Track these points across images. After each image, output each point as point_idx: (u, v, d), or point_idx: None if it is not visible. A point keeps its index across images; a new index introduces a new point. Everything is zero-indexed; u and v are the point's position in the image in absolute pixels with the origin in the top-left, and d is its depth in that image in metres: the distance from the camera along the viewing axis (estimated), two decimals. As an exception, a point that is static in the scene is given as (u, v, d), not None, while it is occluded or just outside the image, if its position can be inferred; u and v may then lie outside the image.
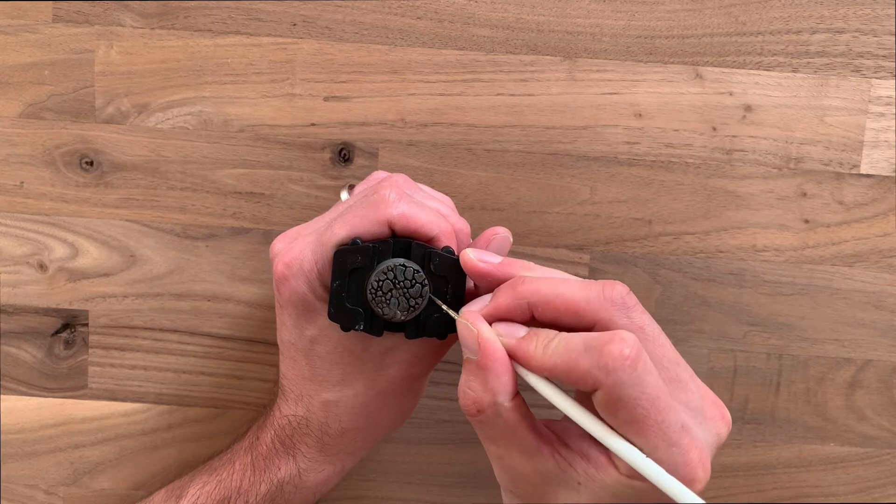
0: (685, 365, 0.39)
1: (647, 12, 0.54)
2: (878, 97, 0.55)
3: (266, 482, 0.48)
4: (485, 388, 0.38)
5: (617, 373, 0.35)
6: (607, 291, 0.38)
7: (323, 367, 0.46)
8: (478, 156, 0.55)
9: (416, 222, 0.42)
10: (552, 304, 0.38)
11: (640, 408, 0.36)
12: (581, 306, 0.38)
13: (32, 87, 0.54)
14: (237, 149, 0.55)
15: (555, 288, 0.38)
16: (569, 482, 0.39)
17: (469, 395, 0.39)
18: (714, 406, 0.40)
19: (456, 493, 0.58)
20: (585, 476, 0.38)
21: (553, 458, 0.39)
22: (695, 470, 0.37)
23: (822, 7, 0.54)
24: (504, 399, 0.38)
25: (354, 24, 0.54)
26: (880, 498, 0.58)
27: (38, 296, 0.56)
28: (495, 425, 0.39)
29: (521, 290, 0.39)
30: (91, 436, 0.58)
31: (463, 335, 0.40)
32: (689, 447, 0.37)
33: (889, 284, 0.56)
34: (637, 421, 0.36)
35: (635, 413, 0.36)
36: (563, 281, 0.39)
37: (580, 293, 0.38)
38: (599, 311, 0.37)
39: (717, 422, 0.39)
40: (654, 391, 0.36)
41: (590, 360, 0.36)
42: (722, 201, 0.55)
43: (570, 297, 0.38)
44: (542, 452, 0.39)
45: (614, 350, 0.35)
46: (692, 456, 0.37)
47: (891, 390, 0.57)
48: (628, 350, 0.35)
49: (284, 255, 0.44)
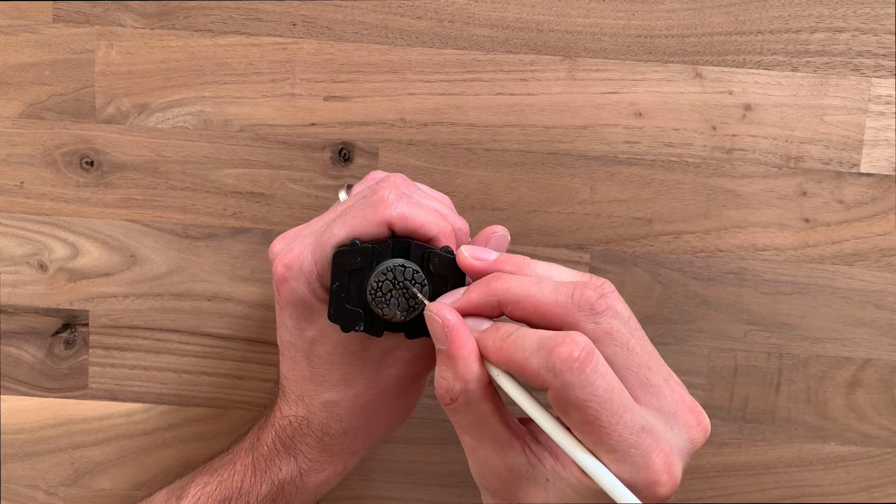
0: (659, 369, 0.39)
1: (647, 11, 0.54)
2: (877, 96, 0.55)
3: (267, 482, 0.48)
4: (455, 375, 0.39)
5: (564, 374, 0.36)
6: (576, 295, 0.38)
7: (323, 367, 0.46)
8: (478, 155, 0.55)
9: (414, 222, 0.42)
10: (521, 304, 0.39)
11: (590, 409, 0.36)
12: (548, 309, 0.38)
13: (33, 88, 0.54)
14: (237, 149, 0.55)
15: (526, 288, 0.39)
16: (538, 478, 0.39)
17: (442, 384, 0.39)
18: (690, 412, 0.39)
19: (456, 493, 0.58)
20: (553, 473, 0.38)
21: (524, 453, 0.39)
22: (657, 473, 0.37)
23: (822, 6, 0.54)
24: (474, 386, 0.39)
25: (354, 24, 0.54)
26: (881, 497, 0.58)
27: (39, 296, 0.56)
28: (467, 413, 0.39)
29: (492, 287, 0.39)
30: (91, 436, 0.58)
31: (431, 325, 0.40)
32: (651, 449, 0.37)
33: (889, 283, 0.56)
34: (588, 422, 0.36)
35: (586, 414, 0.36)
36: (536, 281, 0.39)
37: (549, 296, 0.38)
38: (566, 315, 0.38)
39: (692, 427, 0.39)
40: (605, 393, 0.36)
41: (540, 359, 0.36)
42: (722, 200, 0.55)
43: (538, 298, 0.38)
44: (513, 446, 0.39)
45: (563, 352, 0.36)
46: (654, 458, 0.37)
47: (891, 389, 0.57)
48: (577, 352, 0.36)
49: (284, 257, 0.44)
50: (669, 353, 0.56)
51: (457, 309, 0.40)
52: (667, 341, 0.56)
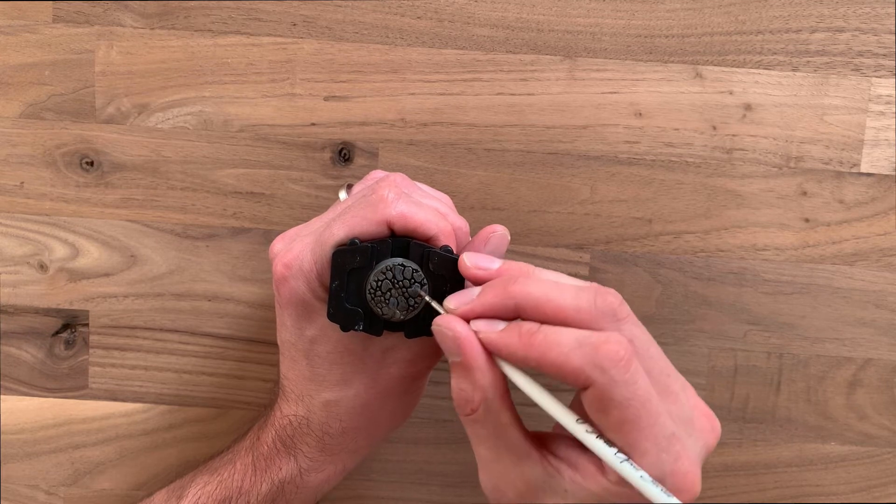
0: (676, 376, 0.39)
1: (647, 11, 0.54)
2: (878, 96, 0.55)
3: (267, 482, 0.48)
4: (474, 386, 0.39)
5: (611, 371, 0.35)
6: (599, 301, 0.37)
7: (323, 366, 0.46)
8: (478, 155, 0.55)
9: (414, 221, 0.42)
10: (541, 308, 0.38)
11: (631, 409, 0.36)
12: (570, 314, 0.38)
13: (33, 88, 0.54)
14: (237, 149, 0.55)
15: (546, 292, 0.38)
16: (556, 489, 0.39)
17: (461, 395, 0.39)
18: (704, 417, 0.40)
19: (456, 493, 0.58)
20: (572, 483, 0.38)
21: (542, 464, 0.39)
22: (685, 478, 0.37)
23: (822, 6, 0.54)
24: (493, 394, 0.39)
25: (354, 24, 0.54)
26: (881, 497, 0.58)
27: (39, 296, 0.56)
28: (486, 423, 0.39)
29: (511, 290, 0.39)
30: (92, 436, 0.58)
31: (441, 339, 0.40)
32: (680, 456, 0.37)
33: (889, 283, 0.56)
34: (628, 422, 0.36)
35: (626, 414, 0.36)
36: (555, 285, 0.38)
37: (571, 301, 0.38)
38: (589, 321, 0.37)
39: (707, 433, 0.39)
40: (645, 394, 0.36)
41: (583, 356, 0.36)
42: (722, 200, 0.55)
43: (560, 303, 0.38)
44: (531, 456, 0.39)
45: (610, 349, 0.36)
46: (683, 465, 0.37)
47: (891, 389, 0.57)
48: (623, 351, 0.36)
49: (284, 256, 0.44)
50: (669, 352, 0.56)
51: (471, 311, 0.40)
52: (667, 341, 0.56)
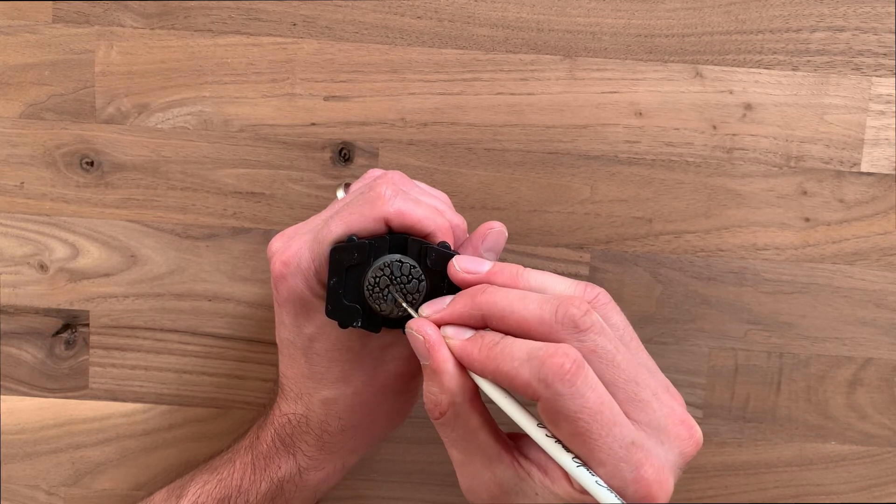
0: (647, 383, 0.39)
1: (647, 11, 0.54)
2: (878, 95, 0.54)
3: (266, 481, 0.48)
4: (441, 389, 0.39)
5: (556, 385, 0.36)
6: (560, 312, 0.38)
7: (322, 364, 0.46)
8: (478, 155, 0.55)
9: (412, 218, 0.42)
10: (505, 319, 0.39)
11: (580, 421, 0.36)
12: (532, 326, 0.38)
13: (33, 88, 0.54)
14: (237, 149, 0.55)
15: (511, 304, 0.39)
16: (527, 493, 0.39)
17: (430, 398, 0.40)
18: (682, 425, 0.39)
19: (456, 493, 0.58)
20: (542, 487, 0.38)
21: (513, 467, 0.39)
22: (649, 486, 0.37)
23: (822, 5, 0.54)
24: (461, 399, 0.39)
25: (354, 23, 0.54)
26: (881, 496, 0.58)
27: (39, 296, 0.56)
28: (456, 426, 0.40)
29: (477, 301, 0.40)
30: (92, 436, 0.58)
31: (413, 342, 0.41)
32: (642, 464, 0.37)
33: (890, 283, 0.56)
34: (578, 434, 0.36)
35: (576, 426, 0.36)
36: (520, 297, 0.39)
37: (534, 313, 0.38)
38: (548, 332, 0.38)
39: (683, 441, 0.39)
40: (595, 406, 0.36)
41: (531, 370, 0.36)
42: (722, 200, 0.55)
43: (522, 315, 0.38)
44: (502, 459, 0.40)
45: (555, 363, 0.36)
46: (645, 472, 0.37)
47: (892, 388, 0.57)
48: (568, 364, 0.36)
49: (282, 254, 0.44)
50: (669, 352, 0.56)
51: (440, 320, 0.41)
52: (667, 341, 0.56)
